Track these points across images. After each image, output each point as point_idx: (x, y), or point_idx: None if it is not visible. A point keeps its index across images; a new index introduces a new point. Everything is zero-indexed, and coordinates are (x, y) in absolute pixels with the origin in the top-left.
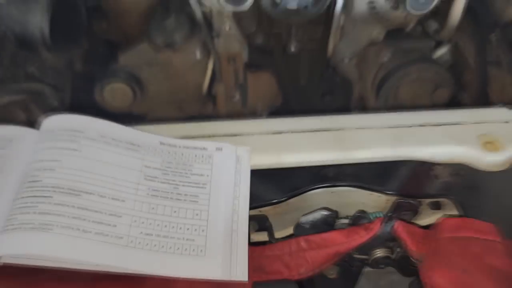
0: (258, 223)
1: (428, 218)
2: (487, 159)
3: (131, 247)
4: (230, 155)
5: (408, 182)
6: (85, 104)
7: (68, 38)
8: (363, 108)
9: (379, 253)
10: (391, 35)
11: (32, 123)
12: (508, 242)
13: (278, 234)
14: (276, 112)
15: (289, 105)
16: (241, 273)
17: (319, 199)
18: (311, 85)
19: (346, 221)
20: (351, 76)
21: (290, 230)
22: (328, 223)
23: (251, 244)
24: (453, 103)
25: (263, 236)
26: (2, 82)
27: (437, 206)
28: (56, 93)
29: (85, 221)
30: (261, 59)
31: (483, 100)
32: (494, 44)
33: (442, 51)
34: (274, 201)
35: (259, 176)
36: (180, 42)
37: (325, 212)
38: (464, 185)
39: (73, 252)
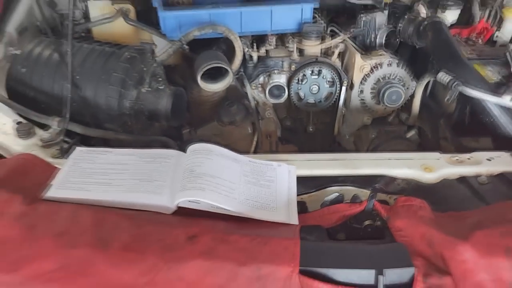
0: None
1: None
2: (426, 177)
3: (240, 202)
4: (285, 168)
5: (382, 185)
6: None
7: (177, 115)
8: None
9: (367, 222)
10: (376, 121)
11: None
12: (432, 210)
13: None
14: None
15: None
16: (295, 220)
17: (332, 191)
18: None
19: (348, 201)
20: (350, 148)
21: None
22: (339, 201)
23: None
24: None
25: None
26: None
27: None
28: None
29: (220, 187)
30: (289, 136)
31: None
32: (442, 126)
33: (411, 133)
34: (308, 192)
35: (300, 180)
36: (238, 122)
37: (337, 195)
38: (413, 189)
39: (216, 200)
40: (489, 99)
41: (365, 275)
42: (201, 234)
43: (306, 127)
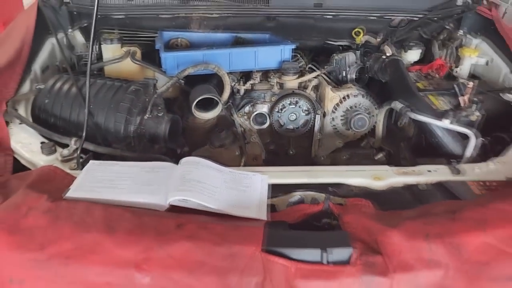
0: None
1: None
2: (375, 184)
3: (220, 202)
4: (259, 177)
5: (340, 190)
6: None
7: (173, 138)
8: None
9: (325, 220)
10: (350, 144)
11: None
12: (375, 209)
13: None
14: None
15: None
16: (264, 217)
17: (296, 195)
18: None
19: (309, 202)
20: None
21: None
22: (301, 202)
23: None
24: None
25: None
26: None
27: None
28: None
29: (205, 190)
30: (272, 158)
31: None
32: (402, 148)
33: (380, 155)
34: (277, 196)
35: (272, 187)
36: (227, 145)
37: (299, 197)
38: (364, 194)
39: (201, 199)
40: (433, 122)
41: (313, 253)
42: (187, 223)
43: (287, 151)
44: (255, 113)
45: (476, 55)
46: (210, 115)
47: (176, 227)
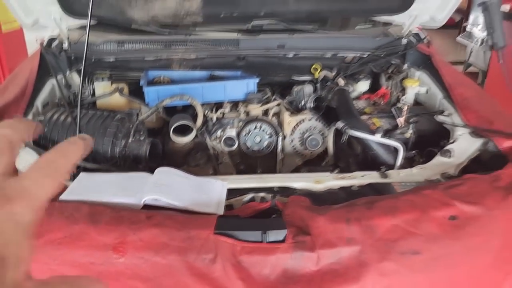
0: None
1: None
2: (316, 187)
3: (185, 201)
4: (220, 183)
5: (285, 192)
6: None
7: (154, 159)
8: None
9: (274, 216)
10: (309, 162)
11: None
12: (311, 203)
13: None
14: None
15: None
16: (221, 212)
17: (248, 196)
18: None
19: (259, 201)
20: None
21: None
22: (252, 201)
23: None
24: None
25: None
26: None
27: None
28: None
29: (173, 191)
30: None
31: None
32: (351, 163)
33: (335, 171)
34: (233, 197)
35: (229, 191)
36: (202, 165)
37: (251, 197)
38: (305, 194)
39: (169, 198)
40: (367, 137)
41: (255, 235)
42: (156, 215)
43: (255, 170)
44: (225, 137)
45: (417, 85)
46: (185, 139)
47: (146, 218)
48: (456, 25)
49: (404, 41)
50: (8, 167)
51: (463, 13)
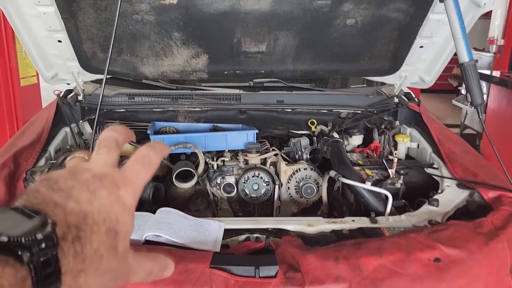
0: (225, 246)
1: None
2: (308, 229)
3: (184, 239)
4: (217, 224)
5: (279, 233)
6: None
7: (157, 202)
8: None
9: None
10: (305, 210)
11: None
12: (303, 244)
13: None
14: None
15: None
16: (217, 250)
17: (244, 236)
18: None
19: (254, 240)
20: None
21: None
22: (248, 240)
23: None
24: None
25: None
26: None
27: None
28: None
29: (173, 229)
30: None
31: None
32: (345, 212)
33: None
34: (229, 237)
35: (225, 231)
36: (202, 211)
37: (246, 237)
38: (298, 236)
39: (169, 235)
40: (357, 185)
41: (248, 270)
42: (156, 248)
43: (253, 216)
44: (224, 183)
45: (408, 140)
46: (187, 185)
47: (147, 251)
48: (455, 89)
49: (396, 99)
50: (116, 161)
51: (461, 78)
